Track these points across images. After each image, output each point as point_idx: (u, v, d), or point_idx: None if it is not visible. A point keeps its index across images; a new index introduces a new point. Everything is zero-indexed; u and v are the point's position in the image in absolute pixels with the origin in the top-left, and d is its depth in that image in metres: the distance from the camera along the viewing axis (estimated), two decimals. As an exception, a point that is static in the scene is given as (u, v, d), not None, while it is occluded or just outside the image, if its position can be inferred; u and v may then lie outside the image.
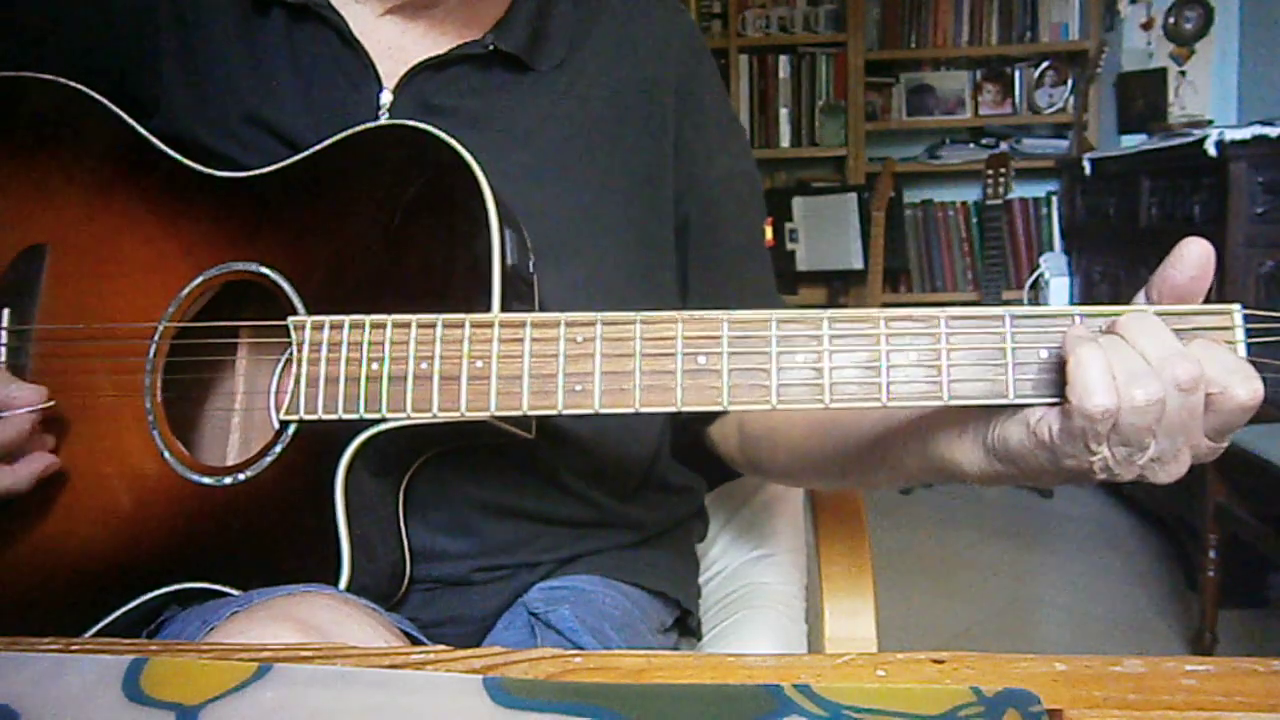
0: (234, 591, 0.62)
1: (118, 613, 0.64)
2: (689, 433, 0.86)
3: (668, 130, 0.78)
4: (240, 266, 0.68)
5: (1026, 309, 0.54)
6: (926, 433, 0.59)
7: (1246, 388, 0.48)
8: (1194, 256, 0.50)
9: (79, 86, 0.73)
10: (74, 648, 0.44)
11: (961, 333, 0.54)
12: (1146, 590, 2.39)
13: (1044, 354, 0.53)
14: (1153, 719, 0.36)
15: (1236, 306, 0.52)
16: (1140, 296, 0.53)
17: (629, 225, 0.77)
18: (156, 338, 0.68)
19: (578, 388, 0.57)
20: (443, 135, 0.64)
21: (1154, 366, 0.48)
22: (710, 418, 0.84)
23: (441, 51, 0.73)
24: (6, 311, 0.71)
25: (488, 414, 0.58)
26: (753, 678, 0.39)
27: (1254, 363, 0.50)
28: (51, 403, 0.66)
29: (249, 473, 0.64)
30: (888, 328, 0.54)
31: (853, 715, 0.35)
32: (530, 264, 0.66)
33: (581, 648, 0.69)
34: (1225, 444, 0.51)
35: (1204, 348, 0.49)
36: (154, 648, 0.45)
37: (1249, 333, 0.51)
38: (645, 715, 0.36)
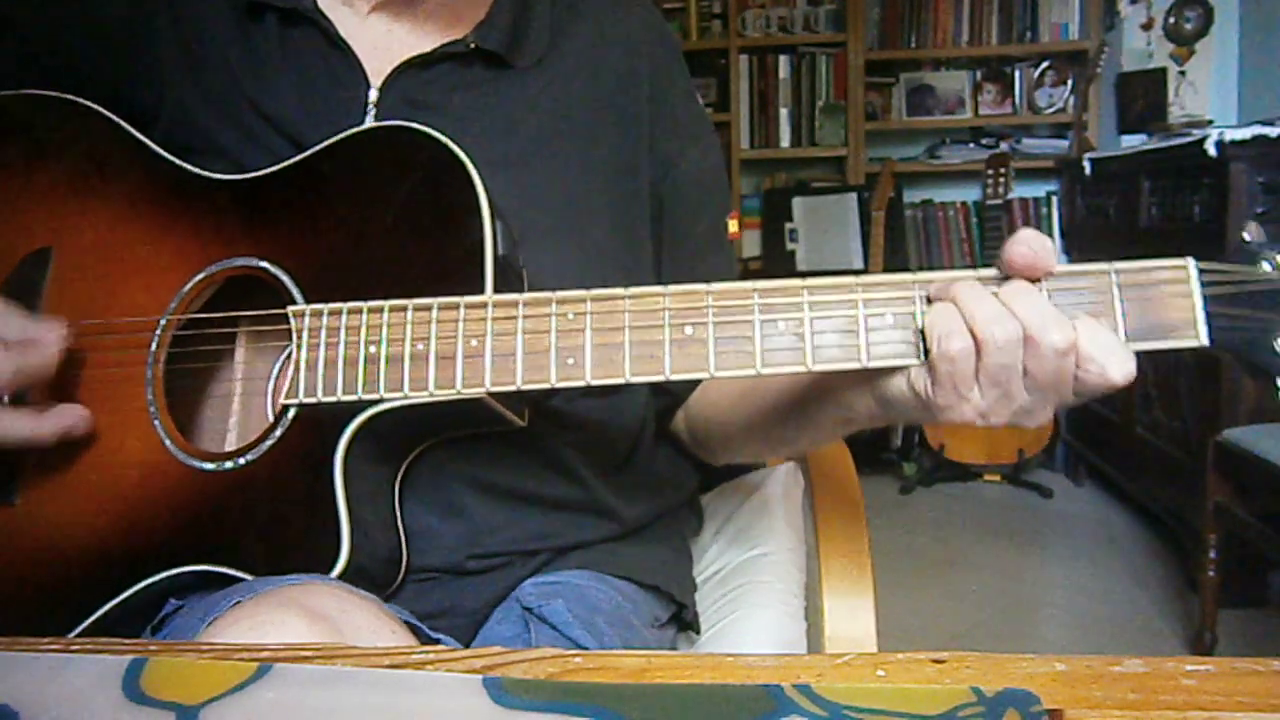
0: (236, 572, 0.63)
1: (121, 597, 0.65)
2: (666, 436, 0.89)
3: (642, 121, 0.81)
4: (241, 262, 0.69)
5: (996, 273, 0.57)
6: (835, 391, 0.65)
7: (1121, 370, 0.53)
8: (1029, 240, 0.55)
9: (82, 100, 0.75)
10: (74, 648, 0.44)
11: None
12: (1146, 590, 2.39)
13: None
14: (1152, 719, 0.36)
15: (1190, 260, 0.55)
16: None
17: (609, 212, 0.79)
18: (159, 331, 0.69)
19: (570, 361, 0.59)
20: (436, 134, 0.66)
21: (1021, 321, 0.52)
22: (671, 409, 0.87)
23: (425, 50, 0.75)
24: None
25: (483, 390, 0.60)
26: (753, 678, 0.39)
27: (1211, 314, 0.54)
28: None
29: (249, 457, 0.65)
30: (865, 293, 0.56)
31: (853, 715, 0.35)
32: (520, 259, 0.68)
33: (575, 640, 0.70)
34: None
35: (1086, 324, 0.53)
36: (154, 648, 0.45)
37: (1204, 284, 0.54)
38: (645, 715, 0.36)
